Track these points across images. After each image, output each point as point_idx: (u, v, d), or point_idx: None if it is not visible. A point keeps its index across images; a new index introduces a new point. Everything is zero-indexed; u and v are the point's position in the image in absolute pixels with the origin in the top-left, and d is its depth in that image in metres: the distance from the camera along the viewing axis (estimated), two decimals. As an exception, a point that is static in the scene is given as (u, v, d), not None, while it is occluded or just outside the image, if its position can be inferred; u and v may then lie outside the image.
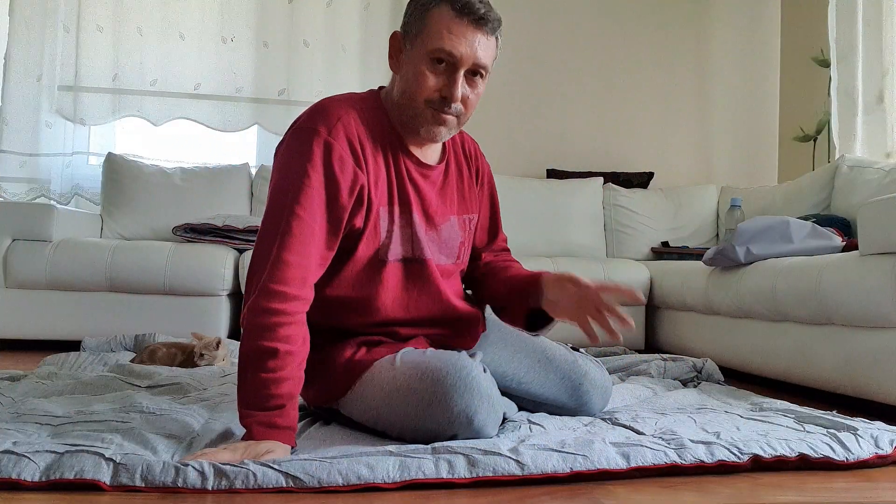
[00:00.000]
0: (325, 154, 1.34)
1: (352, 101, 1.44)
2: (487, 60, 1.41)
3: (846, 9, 3.48)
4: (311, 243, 1.33)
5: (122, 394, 1.73)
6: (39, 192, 3.70)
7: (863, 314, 1.96)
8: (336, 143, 1.35)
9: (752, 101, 4.40)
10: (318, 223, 1.34)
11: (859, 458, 1.36)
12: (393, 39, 1.46)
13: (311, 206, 1.33)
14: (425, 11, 1.39)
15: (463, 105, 1.42)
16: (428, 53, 1.37)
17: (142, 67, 3.83)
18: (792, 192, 3.36)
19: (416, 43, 1.40)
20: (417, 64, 1.39)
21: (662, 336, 3.23)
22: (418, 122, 1.43)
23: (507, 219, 3.61)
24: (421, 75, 1.39)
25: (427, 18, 1.38)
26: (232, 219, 3.32)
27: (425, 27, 1.38)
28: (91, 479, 1.09)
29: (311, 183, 1.33)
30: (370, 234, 1.43)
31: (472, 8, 1.38)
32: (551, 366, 1.65)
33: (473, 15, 1.38)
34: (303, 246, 1.32)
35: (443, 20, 1.37)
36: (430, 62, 1.38)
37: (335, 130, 1.36)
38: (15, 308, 2.97)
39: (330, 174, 1.34)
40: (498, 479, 1.17)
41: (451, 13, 1.37)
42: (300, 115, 1.42)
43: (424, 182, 1.51)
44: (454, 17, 1.37)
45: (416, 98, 1.40)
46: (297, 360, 1.30)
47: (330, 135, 1.36)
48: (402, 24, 1.45)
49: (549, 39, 4.26)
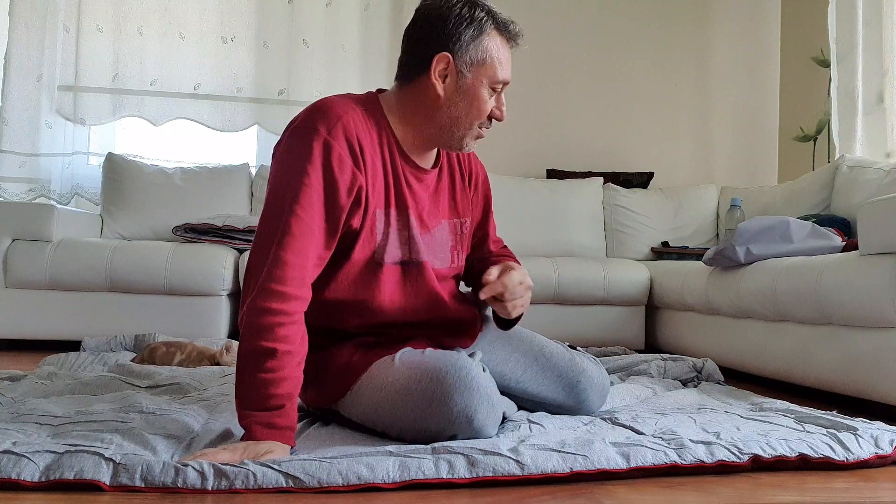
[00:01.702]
0: (325, 154, 1.34)
1: (351, 102, 1.44)
2: None
3: (846, 9, 3.48)
4: (310, 243, 1.33)
5: (122, 394, 1.73)
6: (39, 192, 3.70)
7: (863, 314, 1.96)
8: (335, 143, 1.35)
9: (752, 101, 4.40)
10: (316, 223, 1.33)
11: (859, 458, 1.36)
12: (440, 61, 1.42)
13: (310, 205, 1.33)
14: (480, 39, 1.42)
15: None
16: (491, 83, 1.44)
17: (142, 67, 3.82)
18: (792, 192, 3.36)
19: (476, 71, 1.43)
20: (479, 92, 1.44)
21: (662, 336, 3.23)
22: (465, 142, 1.50)
23: (507, 219, 3.66)
24: (483, 103, 1.45)
25: (484, 47, 1.43)
26: (232, 219, 3.33)
27: (486, 57, 1.43)
28: (91, 479, 1.09)
29: (310, 182, 1.33)
30: (366, 236, 1.43)
31: (518, 35, 1.47)
32: (549, 364, 1.65)
33: (516, 40, 1.48)
34: (302, 245, 1.31)
35: (500, 51, 1.44)
36: (489, 90, 1.45)
37: (335, 130, 1.36)
38: (15, 308, 2.97)
39: (329, 174, 1.34)
40: (498, 479, 1.17)
41: (504, 42, 1.45)
42: (298, 115, 1.42)
43: (419, 185, 1.51)
44: (505, 45, 1.46)
45: (473, 122, 1.46)
46: (296, 360, 1.30)
47: (329, 134, 1.35)
48: (449, 46, 1.41)
49: (549, 40, 4.26)
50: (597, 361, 1.72)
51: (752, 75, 4.40)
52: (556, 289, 3.20)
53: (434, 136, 1.49)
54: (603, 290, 3.23)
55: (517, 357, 1.66)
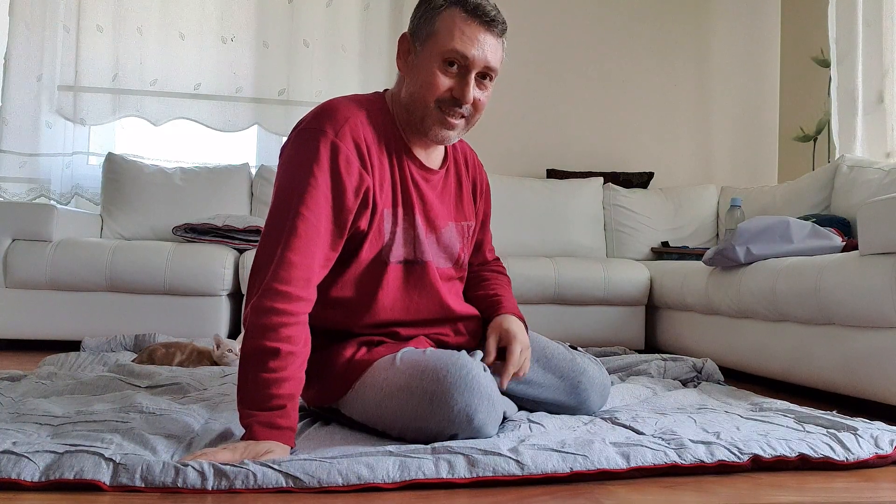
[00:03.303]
0: (332, 155, 1.34)
1: (358, 103, 1.44)
2: (497, 63, 1.43)
3: (846, 9, 3.48)
4: (316, 244, 1.33)
5: (122, 394, 1.73)
6: (39, 192, 3.70)
7: (862, 314, 1.96)
8: (343, 145, 1.35)
9: (752, 101, 4.40)
10: (323, 224, 1.34)
11: (859, 458, 1.36)
12: (402, 41, 1.46)
13: (317, 207, 1.33)
14: (435, 13, 1.40)
15: (473, 107, 1.43)
16: (440, 55, 1.39)
17: (142, 67, 3.82)
18: (792, 192, 3.36)
19: (427, 44, 1.40)
20: (429, 65, 1.40)
21: (662, 336, 3.23)
22: (427, 124, 1.44)
23: (507, 219, 3.67)
24: (433, 76, 1.39)
25: (438, 20, 1.39)
26: (232, 219, 3.33)
27: (437, 29, 1.39)
28: (91, 479, 1.09)
29: (317, 184, 1.33)
30: (374, 236, 1.44)
31: (483, 10, 1.39)
32: (550, 364, 1.65)
33: (485, 17, 1.39)
34: (307, 247, 1.31)
35: (455, 22, 1.38)
36: (441, 64, 1.39)
37: (342, 132, 1.36)
38: (15, 308, 2.97)
39: (336, 176, 1.34)
40: (498, 479, 1.17)
41: (463, 15, 1.39)
42: (306, 116, 1.42)
43: (426, 185, 1.52)
44: (466, 18, 1.39)
45: (426, 99, 1.41)
46: (299, 361, 1.30)
47: (337, 136, 1.35)
48: (411, 26, 1.45)
49: (549, 40, 4.26)
50: (597, 362, 1.72)
51: (752, 75, 4.40)
52: (556, 289, 3.20)
53: (408, 121, 1.47)
54: (603, 290, 3.23)
55: (517, 357, 1.66)
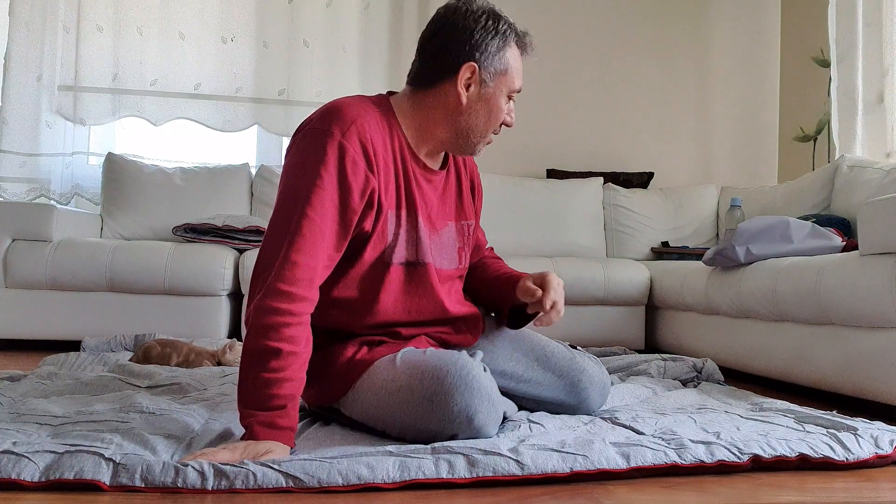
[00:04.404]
0: (339, 156, 1.34)
1: (365, 104, 1.44)
2: None
3: (846, 9, 3.48)
4: (321, 245, 1.33)
5: (122, 394, 1.73)
6: (39, 192, 3.70)
7: (862, 314, 1.96)
8: (349, 146, 1.35)
9: (752, 101, 4.40)
10: (328, 225, 1.34)
11: (859, 458, 1.36)
12: (469, 71, 1.45)
13: (323, 207, 1.33)
14: (503, 51, 1.48)
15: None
16: (509, 92, 1.50)
17: (142, 67, 3.82)
18: (792, 192, 3.36)
19: (497, 80, 1.48)
20: (498, 100, 1.49)
21: (662, 336, 3.23)
22: (479, 147, 1.55)
23: (507, 219, 3.67)
24: (500, 111, 1.51)
25: (506, 58, 1.48)
26: (232, 219, 3.33)
27: (508, 66, 1.48)
28: (91, 479, 1.09)
29: (323, 185, 1.33)
30: (378, 238, 1.44)
31: (531, 48, 1.54)
32: (549, 363, 1.66)
33: (530, 52, 1.55)
34: (312, 247, 1.31)
35: (518, 60, 1.52)
36: (506, 98, 1.51)
37: (349, 133, 1.36)
38: (15, 308, 2.97)
39: (343, 177, 1.34)
40: (498, 479, 1.17)
41: (519, 53, 1.52)
42: (312, 115, 1.41)
43: (429, 186, 1.52)
44: (520, 56, 1.52)
45: (490, 128, 1.52)
46: (300, 362, 1.30)
47: (344, 137, 1.35)
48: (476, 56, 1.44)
49: (549, 40, 4.25)
50: (597, 360, 1.72)
51: (752, 75, 4.40)
52: (556, 289, 3.20)
53: (448, 140, 1.52)
54: (603, 290, 3.24)
55: (518, 356, 1.66)
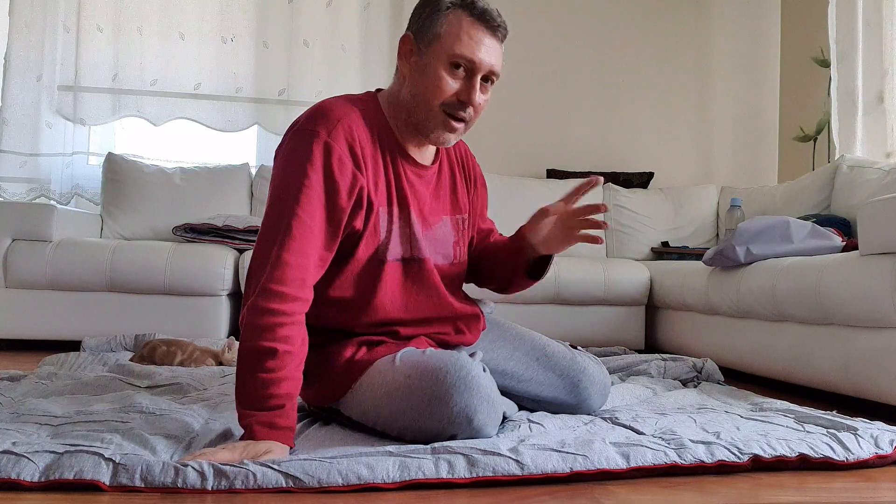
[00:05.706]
0: (325, 156, 1.35)
1: (351, 103, 1.45)
2: (500, 67, 1.45)
3: (846, 9, 3.48)
4: (311, 244, 1.33)
5: (122, 394, 1.73)
6: (39, 192, 3.70)
7: (862, 314, 1.96)
8: (335, 145, 1.36)
9: (752, 101, 4.40)
10: (317, 224, 1.34)
11: (859, 459, 1.36)
12: (404, 41, 1.45)
13: (311, 207, 1.33)
14: (440, 15, 1.40)
15: (473, 110, 1.44)
16: (448, 58, 1.39)
17: (142, 67, 3.82)
18: (792, 192, 3.36)
19: (432, 46, 1.41)
20: (435, 68, 1.40)
21: (662, 336, 3.23)
22: (429, 126, 1.44)
23: (507, 219, 3.64)
24: (440, 79, 1.40)
25: (443, 22, 1.40)
26: (232, 219, 3.33)
27: (442, 31, 1.40)
28: (90, 479, 1.09)
29: (310, 184, 1.33)
30: (370, 235, 1.44)
31: (490, 15, 1.41)
32: (550, 363, 1.66)
33: (491, 22, 1.41)
34: (302, 247, 1.32)
35: (461, 25, 1.39)
36: (448, 66, 1.40)
37: (335, 132, 1.37)
38: (15, 308, 2.97)
39: (329, 176, 1.35)
40: (498, 479, 1.17)
41: (470, 19, 1.40)
42: (299, 117, 1.43)
43: (419, 182, 1.52)
44: (473, 22, 1.40)
45: (431, 102, 1.42)
46: (296, 361, 1.30)
47: (329, 137, 1.36)
48: (413, 27, 1.45)
49: (549, 39, 4.26)
50: (597, 360, 1.73)
51: (752, 75, 4.40)
52: (556, 289, 3.20)
53: (408, 122, 1.47)
54: (603, 290, 3.23)
55: (518, 356, 1.66)
